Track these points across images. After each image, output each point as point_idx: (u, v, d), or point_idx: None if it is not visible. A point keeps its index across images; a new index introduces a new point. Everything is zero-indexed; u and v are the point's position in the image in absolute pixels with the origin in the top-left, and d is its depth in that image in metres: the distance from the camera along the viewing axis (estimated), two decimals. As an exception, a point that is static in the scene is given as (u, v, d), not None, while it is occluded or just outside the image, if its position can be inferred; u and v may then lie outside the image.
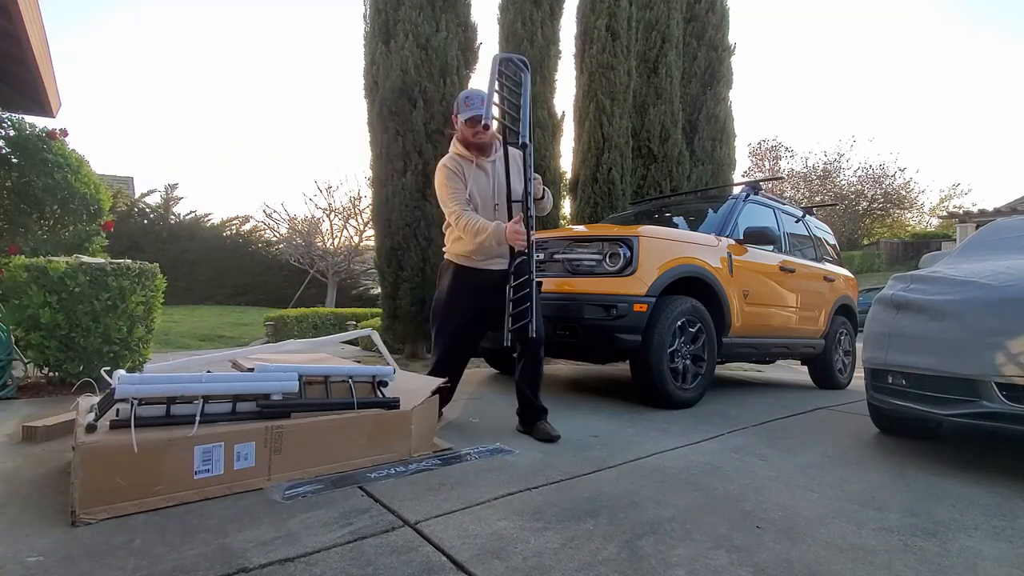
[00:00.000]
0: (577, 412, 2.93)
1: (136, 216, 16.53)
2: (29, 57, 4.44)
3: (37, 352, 3.01)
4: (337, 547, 1.28)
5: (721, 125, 7.37)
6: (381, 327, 5.52)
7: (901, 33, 67.10)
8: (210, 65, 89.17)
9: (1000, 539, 1.49)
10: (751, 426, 2.83)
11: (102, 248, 4.67)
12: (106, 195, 4.66)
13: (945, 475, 2.07)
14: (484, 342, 4.23)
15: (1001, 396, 1.98)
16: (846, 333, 4.98)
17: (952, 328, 2.14)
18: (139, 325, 3.30)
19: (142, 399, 1.52)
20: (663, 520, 1.50)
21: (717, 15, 7.52)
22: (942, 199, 30.12)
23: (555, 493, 1.69)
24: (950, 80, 66.35)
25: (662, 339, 3.04)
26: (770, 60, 72.20)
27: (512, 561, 1.24)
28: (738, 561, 1.28)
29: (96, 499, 1.38)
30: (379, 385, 2.04)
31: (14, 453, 1.93)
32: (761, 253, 3.90)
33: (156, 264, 3.43)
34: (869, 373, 2.54)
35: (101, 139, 63.44)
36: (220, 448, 1.56)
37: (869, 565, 1.29)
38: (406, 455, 1.96)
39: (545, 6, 5.87)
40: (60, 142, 4.36)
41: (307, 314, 9.07)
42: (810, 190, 30.01)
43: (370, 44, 5.16)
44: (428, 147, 4.96)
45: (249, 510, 1.47)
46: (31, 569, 1.14)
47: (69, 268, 2.98)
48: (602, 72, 6.07)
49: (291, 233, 15.74)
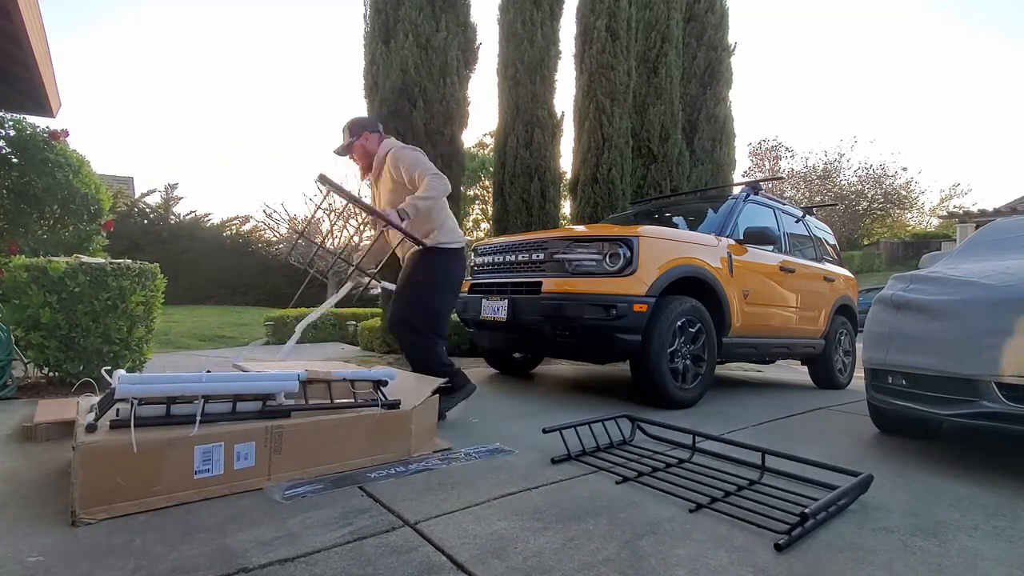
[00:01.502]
0: (577, 412, 2.92)
1: (136, 216, 16.51)
2: (29, 57, 4.44)
3: (37, 352, 3.01)
4: (337, 547, 1.28)
5: (721, 125, 7.37)
6: (381, 327, 5.52)
7: (901, 33, 67.13)
8: (210, 65, 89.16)
9: (1000, 539, 1.49)
10: (751, 426, 2.83)
11: (102, 248, 4.67)
12: (106, 195, 4.66)
13: (945, 475, 2.07)
14: (484, 342, 4.27)
15: (1001, 396, 1.98)
16: (846, 333, 4.98)
17: (952, 328, 2.14)
18: (139, 325, 3.30)
19: (142, 399, 1.52)
20: (663, 520, 1.50)
21: (716, 15, 7.52)
22: (942, 199, 30.17)
23: (555, 493, 1.69)
24: (950, 80, 66.41)
25: (662, 339, 3.04)
26: (770, 60, 72.22)
27: (512, 561, 1.24)
28: (738, 561, 1.28)
29: (96, 499, 1.38)
30: (379, 385, 2.04)
31: (14, 453, 1.93)
32: (761, 253, 3.90)
33: (156, 264, 3.43)
34: (869, 373, 2.54)
35: (101, 139, 63.42)
36: (220, 448, 1.56)
37: (869, 565, 1.29)
38: (406, 455, 1.96)
39: (545, 6, 5.87)
40: (62, 142, 4.36)
41: (307, 314, 9.05)
42: (810, 190, 30.01)
43: (370, 44, 5.16)
44: (428, 147, 4.95)
45: (249, 510, 1.47)
46: (31, 569, 1.14)
47: (69, 268, 2.98)
48: (602, 72, 6.07)
49: (291, 233, 15.74)
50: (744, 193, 4.22)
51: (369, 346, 7.03)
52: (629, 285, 3.02)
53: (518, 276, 3.48)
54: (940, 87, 66.61)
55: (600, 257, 3.14)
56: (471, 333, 4.78)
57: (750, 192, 4.24)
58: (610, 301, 2.98)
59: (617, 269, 3.07)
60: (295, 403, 1.81)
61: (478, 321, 3.64)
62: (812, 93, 69.64)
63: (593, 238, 3.27)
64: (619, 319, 2.96)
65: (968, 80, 65.65)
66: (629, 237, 3.10)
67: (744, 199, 4.11)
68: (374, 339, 6.72)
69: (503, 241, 3.80)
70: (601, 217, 5.89)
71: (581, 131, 6.29)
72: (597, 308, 2.99)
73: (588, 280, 3.12)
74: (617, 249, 3.10)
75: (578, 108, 6.42)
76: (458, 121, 5.19)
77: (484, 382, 3.98)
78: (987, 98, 64.22)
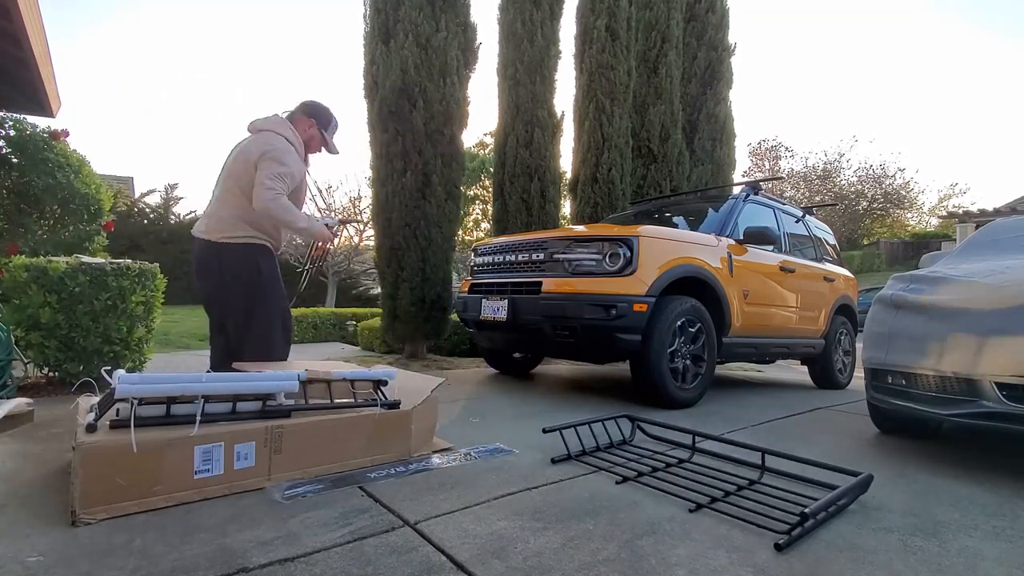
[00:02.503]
0: (577, 412, 2.92)
1: (136, 216, 16.53)
2: (29, 57, 4.45)
3: (37, 352, 3.02)
4: (337, 547, 1.28)
5: (721, 125, 7.37)
6: (381, 327, 5.52)
7: (901, 33, 67.11)
8: (210, 65, 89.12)
9: (1000, 539, 1.49)
10: (751, 426, 2.83)
11: (102, 248, 4.67)
12: (106, 195, 4.66)
13: (945, 475, 2.07)
14: (484, 342, 4.28)
15: (1001, 396, 1.98)
16: (846, 333, 4.98)
17: (952, 328, 2.14)
18: (139, 325, 3.30)
19: (142, 399, 1.52)
20: (663, 520, 1.50)
21: (717, 15, 7.52)
22: (941, 199, 30.19)
23: (555, 493, 1.69)
24: (950, 80, 66.39)
25: (662, 339, 3.04)
26: (770, 60, 72.23)
27: (512, 561, 1.24)
28: (738, 561, 1.28)
29: (96, 499, 1.38)
30: (379, 385, 2.04)
31: (14, 453, 1.93)
32: (761, 253, 3.90)
33: (156, 264, 3.44)
34: (869, 373, 2.54)
35: (101, 139, 63.44)
36: (220, 448, 1.56)
37: (869, 565, 1.29)
38: (406, 455, 1.96)
39: (545, 6, 5.87)
40: (62, 142, 4.36)
41: (307, 314, 9.06)
42: (810, 190, 30.02)
43: (370, 44, 5.15)
44: (428, 147, 4.96)
45: (249, 510, 1.47)
46: (31, 569, 1.14)
47: (69, 268, 2.99)
48: (602, 72, 6.07)
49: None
50: (744, 193, 4.22)
51: (369, 346, 7.04)
52: (629, 285, 3.02)
53: (518, 276, 3.48)
54: (940, 87, 66.65)
55: (600, 257, 3.14)
56: (471, 333, 4.78)
57: (750, 192, 4.25)
58: (610, 301, 2.98)
59: (617, 269, 3.07)
60: (295, 403, 1.81)
61: (478, 321, 3.64)
62: (812, 93, 69.70)
63: (593, 238, 3.27)
64: (619, 319, 2.96)
65: (968, 80, 65.68)
66: (629, 237, 3.10)
67: (744, 199, 4.11)
68: (374, 339, 6.73)
69: (503, 241, 3.80)
70: (601, 217, 5.89)
71: (581, 131, 6.28)
72: (597, 308, 2.99)
73: (588, 280, 3.12)
74: (617, 249, 3.10)
75: (578, 108, 6.42)
76: (458, 121, 5.18)
77: (484, 382, 3.98)
78: (987, 98, 64.25)
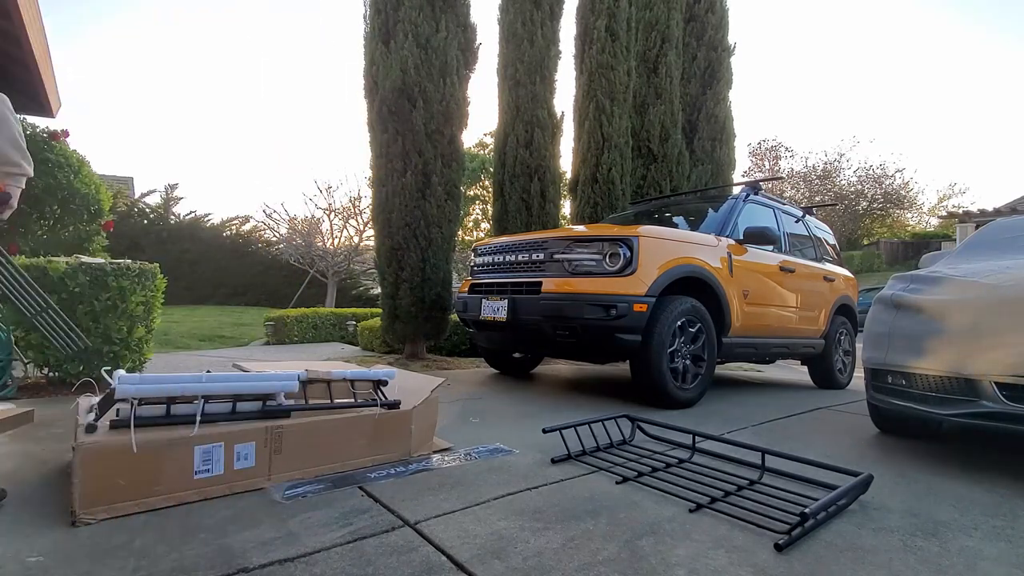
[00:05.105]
0: (577, 412, 2.92)
1: (136, 216, 16.53)
2: (29, 57, 4.44)
3: (37, 352, 3.01)
4: (337, 547, 1.28)
5: (721, 125, 7.37)
6: (381, 327, 5.52)
7: (901, 33, 67.12)
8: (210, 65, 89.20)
9: (1000, 539, 1.49)
10: (751, 426, 2.83)
11: (102, 248, 4.67)
12: (106, 195, 4.66)
13: (945, 475, 2.07)
14: (483, 342, 4.27)
15: (1001, 396, 1.98)
16: (846, 333, 4.98)
17: (952, 328, 2.14)
18: (139, 325, 3.30)
19: (142, 399, 1.52)
20: (663, 520, 1.50)
21: (717, 15, 7.52)
22: (940, 199, 30.19)
23: (555, 493, 1.69)
24: (950, 80, 66.35)
25: (662, 339, 3.04)
26: (770, 60, 72.22)
27: (512, 561, 1.24)
28: (738, 561, 1.28)
29: (96, 499, 1.38)
30: (379, 385, 2.04)
31: (14, 453, 1.93)
32: (761, 253, 3.90)
33: (156, 264, 3.44)
34: (869, 373, 2.54)
35: (101, 139, 63.44)
36: (220, 448, 1.56)
37: (869, 565, 1.29)
38: (406, 455, 1.96)
39: (545, 6, 5.87)
40: (62, 143, 4.36)
41: (307, 314, 9.06)
42: (810, 190, 30.00)
43: (370, 44, 5.15)
44: (428, 147, 4.96)
45: (249, 510, 1.47)
46: (31, 569, 1.14)
47: (69, 268, 2.99)
48: (602, 72, 6.07)
49: (291, 233, 15.75)
50: (744, 193, 4.22)
51: (369, 346, 7.04)
52: (629, 285, 3.02)
53: (518, 276, 3.48)
54: (940, 87, 66.62)
55: (600, 257, 3.14)
56: (471, 333, 4.78)
57: (750, 192, 4.25)
58: (610, 301, 2.98)
59: (617, 269, 3.07)
60: (295, 403, 1.81)
61: (478, 321, 3.64)
62: (812, 93, 69.66)
63: (593, 238, 3.27)
64: (619, 319, 2.96)
65: (968, 80, 65.66)
66: (629, 237, 3.10)
67: (744, 199, 4.11)
68: (374, 339, 6.73)
69: (503, 241, 3.80)
70: (601, 217, 5.89)
71: (581, 131, 6.28)
72: (597, 308, 2.99)
73: (588, 280, 3.12)
74: (617, 249, 3.10)
75: (578, 108, 6.42)
76: (458, 121, 5.19)
77: (484, 382, 3.98)
78: (987, 98, 64.24)
